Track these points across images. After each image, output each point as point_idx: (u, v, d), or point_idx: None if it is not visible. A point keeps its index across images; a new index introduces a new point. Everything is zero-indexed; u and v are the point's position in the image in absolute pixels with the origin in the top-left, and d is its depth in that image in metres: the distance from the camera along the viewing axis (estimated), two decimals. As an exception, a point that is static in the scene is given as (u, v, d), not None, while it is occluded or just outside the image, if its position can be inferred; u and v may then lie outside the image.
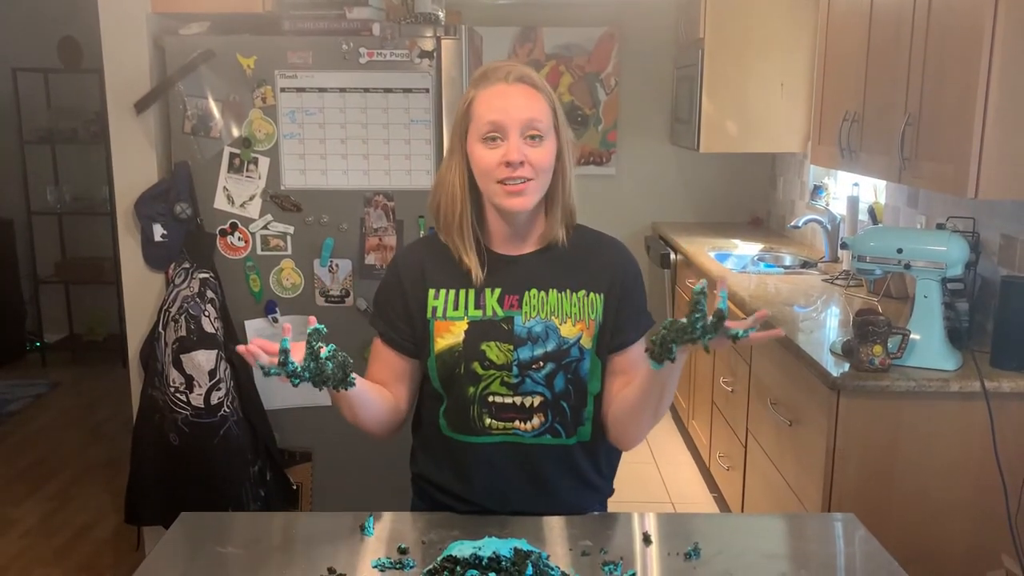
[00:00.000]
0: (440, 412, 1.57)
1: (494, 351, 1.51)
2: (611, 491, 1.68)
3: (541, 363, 1.51)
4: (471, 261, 1.52)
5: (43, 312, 5.58)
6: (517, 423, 1.52)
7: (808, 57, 3.96)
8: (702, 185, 5.07)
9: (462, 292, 1.54)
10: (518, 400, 1.51)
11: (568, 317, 1.53)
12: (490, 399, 1.52)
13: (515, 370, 1.50)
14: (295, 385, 1.33)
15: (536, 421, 1.52)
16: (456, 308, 1.53)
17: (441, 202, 1.54)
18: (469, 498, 1.55)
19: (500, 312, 1.52)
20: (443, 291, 1.55)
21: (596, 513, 1.58)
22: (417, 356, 1.58)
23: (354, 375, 1.40)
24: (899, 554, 1.41)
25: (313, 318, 1.36)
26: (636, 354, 1.56)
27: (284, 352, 1.31)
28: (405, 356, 1.58)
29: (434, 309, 1.54)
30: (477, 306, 1.53)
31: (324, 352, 1.34)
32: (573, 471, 1.56)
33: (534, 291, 1.53)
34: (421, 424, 1.64)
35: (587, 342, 1.53)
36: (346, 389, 1.40)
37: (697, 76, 4.17)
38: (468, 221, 1.53)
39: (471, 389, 1.52)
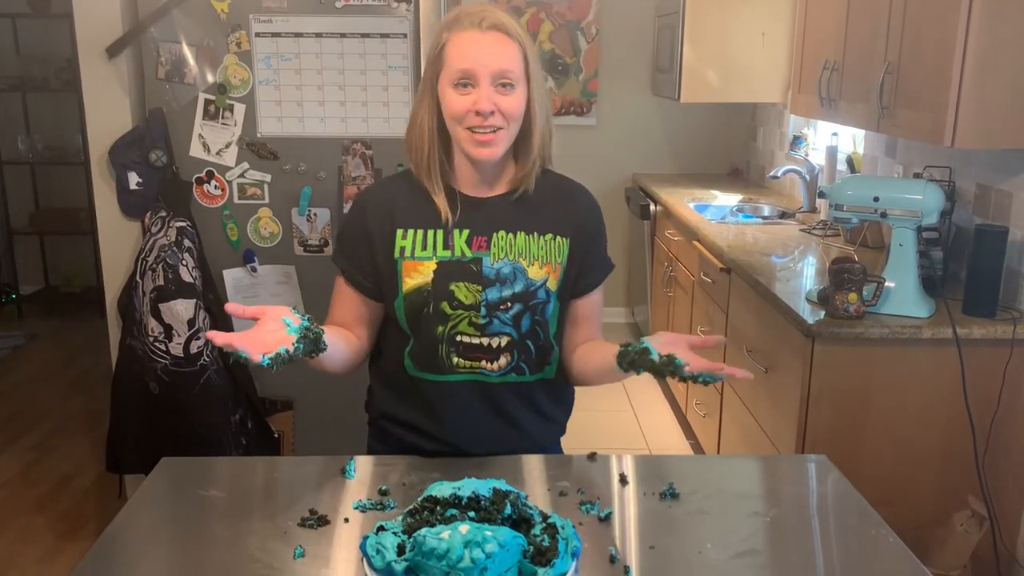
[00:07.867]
0: (406, 352, 1.58)
1: (463, 291, 1.53)
2: (564, 429, 1.73)
3: (509, 304, 1.53)
4: (441, 202, 1.54)
5: (18, 264, 5.52)
6: (484, 363, 1.55)
7: (790, 5, 3.92)
8: (682, 136, 5.06)
9: (431, 232, 1.55)
10: (485, 340, 1.54)
11: (536, 259, 1.55)
12: (458, 339, 1.54)
13: (483, 310, 1.53)
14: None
15: (503, 361, 1.55)
16: (424, 248, 1.54)
17: (412, 142, 1.56)
18: (438, 435, 1.57)
19: (468, 253, 1.54)
20: (411, 231, 1.55)
21: (574, 455, 1.61)
22: (380, 298, 1.59)
23: (325, 340, 1.41)
24: (870, 496, 1.43)
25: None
26: (596, 302, 1.64)
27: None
28: (368, 297, 1.59)
29: (402, 249, 1.55)
30: (446, 246, 1.54)
31: (294, 331, 1.35)
32: (534, 406, 1.61)
33: (502, 233, 1.55)
34: (382, 364, 1.65)
35: (552, 285, 1.56)
36: (317, 356, 1.42)
37: (679, 24, 4.13)
38: (436, 162, 1.54)
39: (439, 328, 1.53)
